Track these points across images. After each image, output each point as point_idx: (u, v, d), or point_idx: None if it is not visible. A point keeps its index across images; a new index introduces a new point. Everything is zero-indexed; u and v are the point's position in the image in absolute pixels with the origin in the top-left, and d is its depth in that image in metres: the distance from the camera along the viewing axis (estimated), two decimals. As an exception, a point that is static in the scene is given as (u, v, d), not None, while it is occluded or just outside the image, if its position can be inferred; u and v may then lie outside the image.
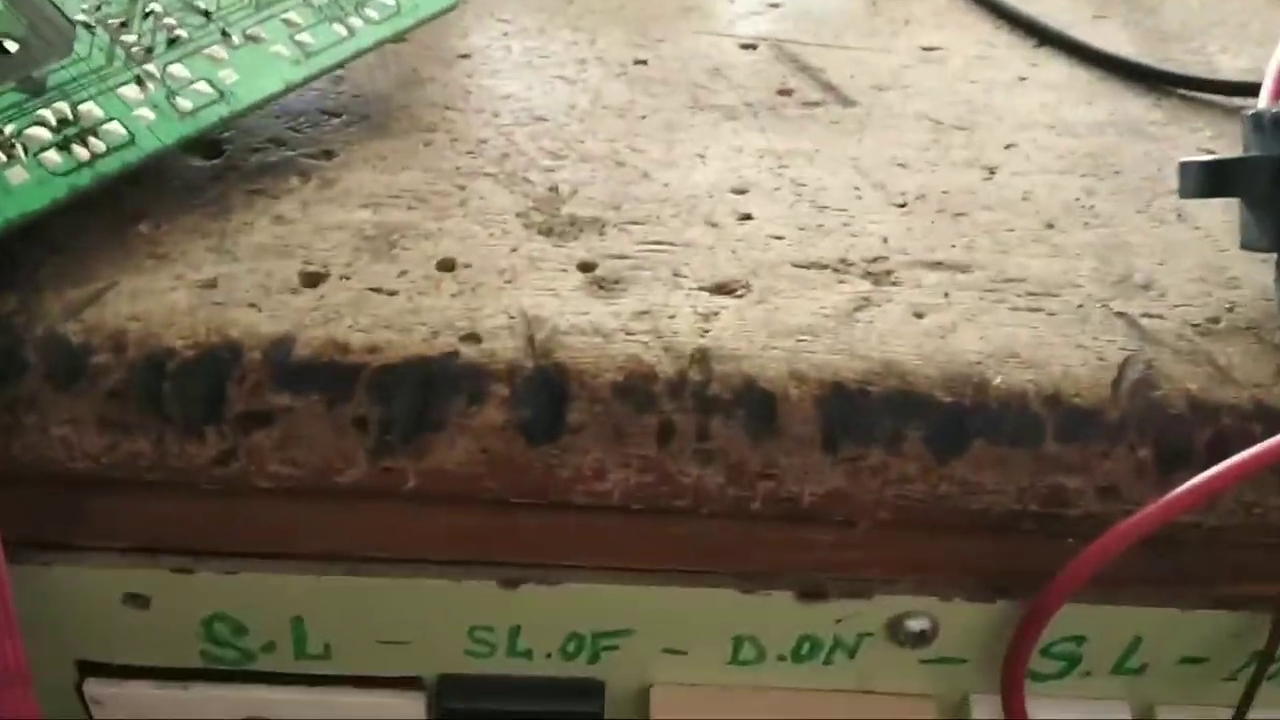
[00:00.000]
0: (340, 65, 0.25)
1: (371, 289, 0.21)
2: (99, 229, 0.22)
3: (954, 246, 0.23)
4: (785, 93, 0.28)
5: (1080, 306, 0.22)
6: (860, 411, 0.20)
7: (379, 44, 0.25)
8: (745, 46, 0.30)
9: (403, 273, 0.22)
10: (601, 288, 0.21)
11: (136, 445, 0.20)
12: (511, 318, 0.21)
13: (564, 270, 0.22)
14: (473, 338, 0.20)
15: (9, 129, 0.21)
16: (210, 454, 0.20)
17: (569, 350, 0.20)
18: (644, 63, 0.29)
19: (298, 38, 0.24)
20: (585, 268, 0.22)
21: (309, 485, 0.20)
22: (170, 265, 0.21)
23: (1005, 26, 0.31)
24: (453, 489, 0.20)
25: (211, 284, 0.21)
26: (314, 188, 0.24)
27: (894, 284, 0.22)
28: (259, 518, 0.21)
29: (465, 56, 0.29)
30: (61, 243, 0.21)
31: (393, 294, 0.21)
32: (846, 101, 0.27)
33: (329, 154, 0.25)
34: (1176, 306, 0.22)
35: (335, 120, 0.26)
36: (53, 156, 0.21)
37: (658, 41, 0.29)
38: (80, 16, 0.22)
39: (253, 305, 0.21)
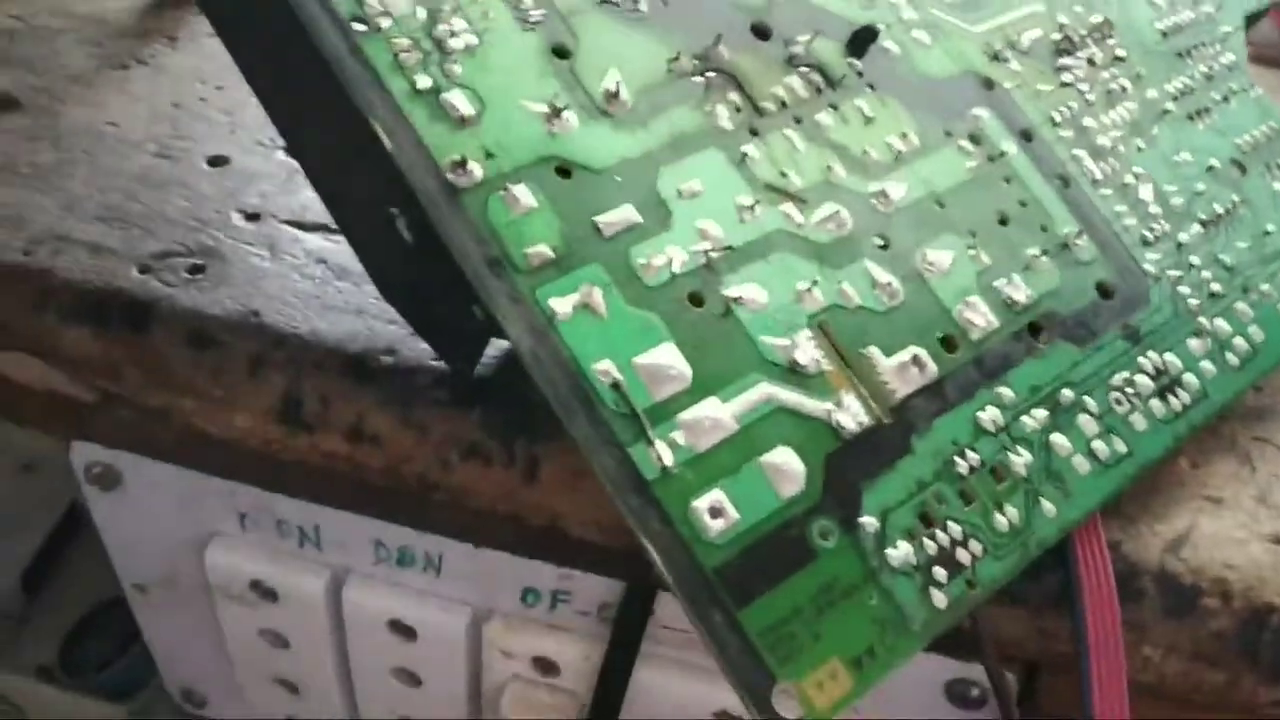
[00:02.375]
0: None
1: None
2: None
3: None
4: None
5: None
6: None
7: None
8: None
9: None
10: None
11: (1215, 678, 0.23)
12: None
13: None
14: None
15: (1121, 377, 0.24)
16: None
17: None
18: None
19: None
20: None
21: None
22: (1230, 512, 0.24)
23: None
24: None
25: (1278, 540, 0.23)
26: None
27: None
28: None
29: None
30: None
31: None
32: None
33: None
34: None
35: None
36: (1156, 405, 0.24)
37: None
38: (1148, 268, 0.25)
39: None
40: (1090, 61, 0.27)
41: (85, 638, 0.43)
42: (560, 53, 0.21)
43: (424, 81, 0.20)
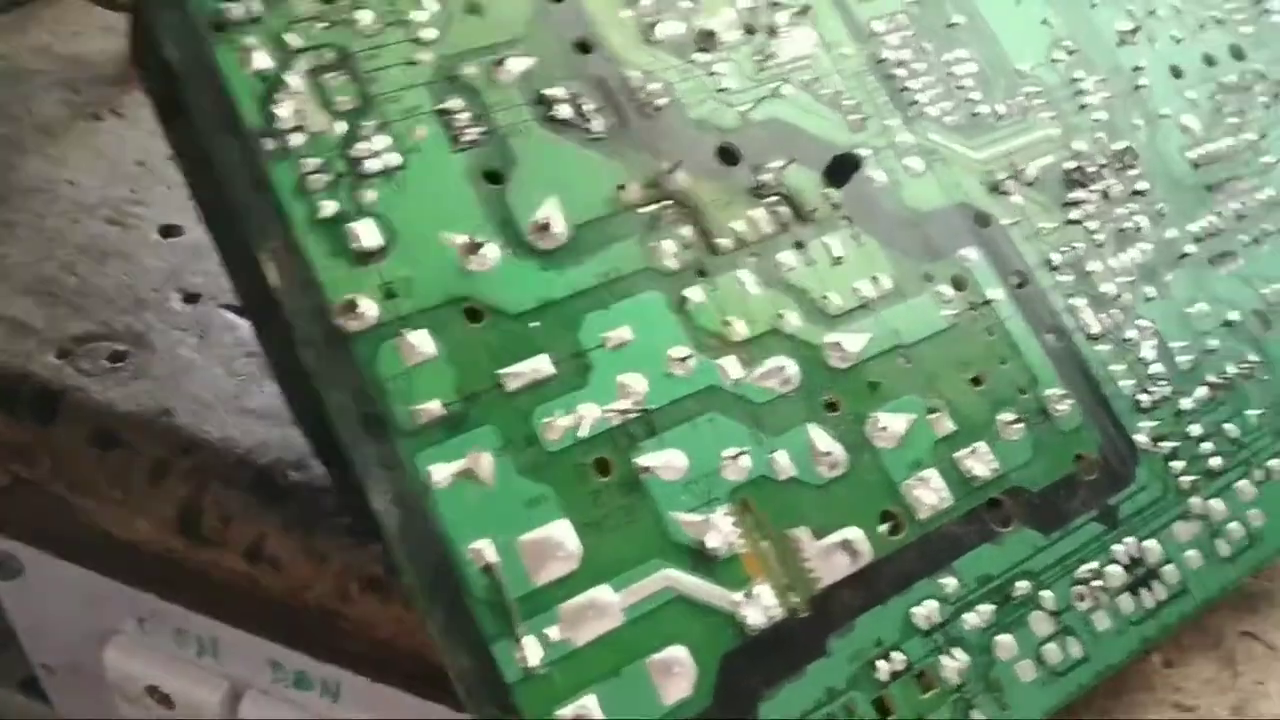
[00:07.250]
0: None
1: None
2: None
3: None
4: None
5: None
6: None
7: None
8: None
9: None
10: None
11: None
12: None
13: None
14: None
15: (1088, 568, 0.21)
16: None
17: None
18: None
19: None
20: None
21: None
22: (1202, 726, 0.21)
23: None
24: None
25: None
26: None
27: None
28: None
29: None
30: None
31: None
32: None
33: None
34: None
35: None
36: (1126, 602, 0.21)
37: None
38: (1139, 439, 0.23)
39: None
40: (1105, 195, 0.24)
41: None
42: (492, 177, 0.20)
43: (329, 208, 0.18)
